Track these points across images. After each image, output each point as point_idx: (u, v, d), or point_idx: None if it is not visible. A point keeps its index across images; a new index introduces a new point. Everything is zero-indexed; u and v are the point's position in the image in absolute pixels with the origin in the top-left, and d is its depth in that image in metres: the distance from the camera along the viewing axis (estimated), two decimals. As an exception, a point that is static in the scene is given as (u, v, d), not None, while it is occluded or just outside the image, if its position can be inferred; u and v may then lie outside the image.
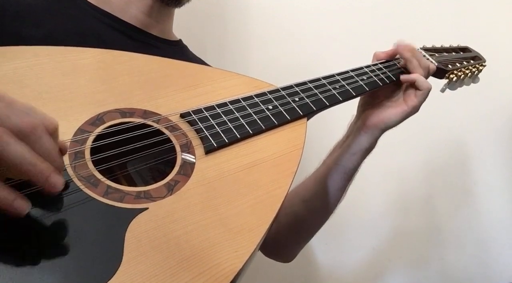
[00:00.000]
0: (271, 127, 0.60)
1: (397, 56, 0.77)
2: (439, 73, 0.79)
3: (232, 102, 0.60)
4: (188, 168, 0.52)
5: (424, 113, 0.75)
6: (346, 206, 0.82)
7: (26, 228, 0.41)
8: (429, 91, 0.72)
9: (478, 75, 0.86)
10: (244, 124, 0.58)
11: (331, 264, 1.26)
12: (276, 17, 1.18)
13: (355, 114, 0.78)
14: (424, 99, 0.72)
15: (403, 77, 0.73)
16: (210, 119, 0.57)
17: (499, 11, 1.30)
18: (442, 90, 0.83)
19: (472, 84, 0.86)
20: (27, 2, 0.68)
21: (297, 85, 0.66)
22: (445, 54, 0.84)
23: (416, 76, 0.72)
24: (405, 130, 0.76)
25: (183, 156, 0.53)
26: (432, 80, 0.77)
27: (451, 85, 0.83)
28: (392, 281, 1.29)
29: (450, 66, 0.81)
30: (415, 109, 0.72)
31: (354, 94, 0.69)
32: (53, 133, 0.40)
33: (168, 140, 0.54)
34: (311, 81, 0.68)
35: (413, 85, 0.72)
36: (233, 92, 0.62)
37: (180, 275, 0.42)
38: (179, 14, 0.83)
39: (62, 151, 0.43)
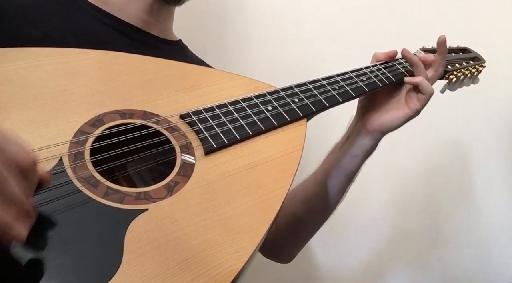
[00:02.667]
0: (270, 128, 0.60)
1: (397, 57, 0.77)
2: (439, 73, 0.79)
3: (231, 103, 0.60)
4: (187, 169, 0.52)
5: (424, 113, 0.75)
6: (346, 206, 0.82)
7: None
8: (432, 95, 0.72)
9: (478, 76, 0.86)
10: (244, 125, 0.58)
11: (331, 264, 1.26)
12: (276, 18, 1.18)
13: (354, 115, 0.78)
14: (427, 103, 0.72)
15: (407, 79, 0.73)
16: (210, 120, 0.57)
17: (499, 12, 1.30)
18: (442, 91, 0.83)
19: (471, 84, 0.86)
20: (27, 2, 0.68)
21: (297, 86, 0.66)
22: (445, 54, 0.84)
23: (421, 79, 0.71)
24: (405, 130, 0.76)
25: (182, 157, 0.53)
26: (431, 80, 0.77)
27: (451, 86, 0.83)
28: (392, 281, 1.29)
29: (449, 66, 0.81)
30: (417, 113, 0.72)
31: (354, 95, 0.69)
32: (27, 170, 0.36)
33: (168, 141, 0.54)
34: (311, 82, 0.68)
35: (416, 88, 0.72)
36: (232, 93, 0.62)
37: (180, 276, 0.42)
38: (179, 14, 0.83)
39: (43, 183, 0.40)
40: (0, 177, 0.33)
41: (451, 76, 0.81)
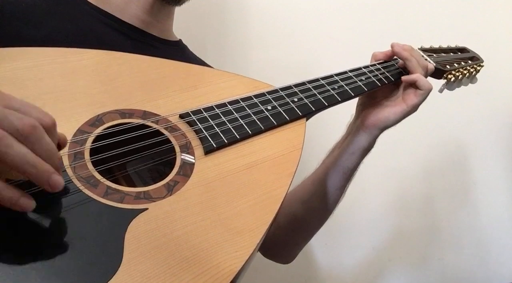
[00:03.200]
0: (270, 127, 0.60)
1: (395, 56, 0.77)
2: (437, 73, 0.79)
3: (231, 103, 0.60)
4: (187, 169, 0.52)
5: (423, 113, 0.75)
6: (346, 206, 0.82)
7: (26, 228, 0.41)
8: (430, 91, 0.72)
9: (476, 76, 0.86)
10: (243, 124, 0.58)
11: (331, 264, 1.26)
12: (276, 17, 1.18)
13: (354, 114, 0.78)
14: (424, 99, 0.72)
15: (404, 78, 0.73)
16: (209, 119, 0.57)
17: (498, 12, 1.30)
18: (440, 91, 0.83)
19: (470, 84, 0.86)
20: (27, 3, 0.68)
21: (296, 85, 0.66)
22: (443, 54, 0.84)
23: (417, 76, 0.71)
24: (405, 130, 0.76)
25: (182, 157, 0.53)
26: (430, 80, 0.77)
27: (449, 86, 0.83)
28: (392, 281, 1.29)
29: (448, 66, 0.81)
30: (414, 108, 0.72)
31: (353, 94, 0.69)
32: (51, 129, 0.41)
33: (168, 141, 0.54)
34: (310, 82, 0.68)
35: (413, 84, 0.72)
36: (232, 92, 0.62)
37: (180, 275, 0.42)
38: (179, 14, 0.83)
39: (61, 144, 0.44)
40: (33, 134, 0.38)
41: (449, 76, 0.81)
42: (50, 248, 0.41)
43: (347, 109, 0.76)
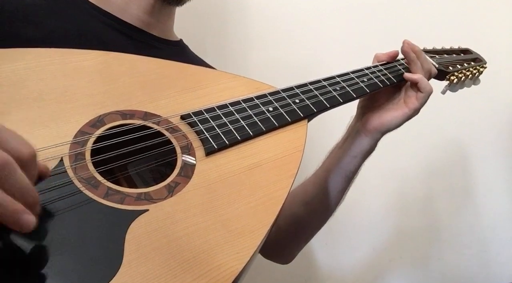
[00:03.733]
0: (271, 128, 0.60)
1: (398, 58, 0.77)
2: (440, 75, 0.79)
3: (232, 104, 0.60)
4: (188, 170, 0.52)
5: (424, 114, 0.75)
6: (346, 207, 0.82)
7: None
8: (430, 94, 0.72)
9: (479, 77, 0.86)
10: (245, 125, 0.58)
11: (331, 264, 1.26)
12: (276, 18, 1.18)
13: (354, 116, 0.78)
14: (425, 102, 0.72)
15: (406, 75, 0.73)
16: (211, 120, 0.57)
17: (500, 13, 1.30)
18: (443, 92, 0.83)
19: (472, 85, 0.86)
20: (27, 3, 0.68)
21: (298, 86, 0.66)
22: (445, 55, 0.84)
23: (420, 77, 0.71)
24: (406, 131, 0.76)
25: (183, 158, 0.53)
26: (433, 82, 0.77)
27: (452, 87, 0.83)
28: (392, 281, 1.29)
29: (450, 67, 0.81)
30: (416, 112, 0.72)
31: (355, 95, 0.69)
32: (27, 163, 0.37)
33: (169, 142, 0.54)
34: (312, 83, 0.68)
35: (414, 86, 0.72)
36: (233, 93, 0.62)
37: (181, 277, 0.42)
38: (179, 14, 0.83)
39: (43, 175, 0.41)
40: (7, 165, 0.34)
41: (452, 77, 0.81)
42: (50, 249, 0.41)
43: (349, 110, 0.76)
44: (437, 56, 0.82)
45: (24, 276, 0.39)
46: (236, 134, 0.57)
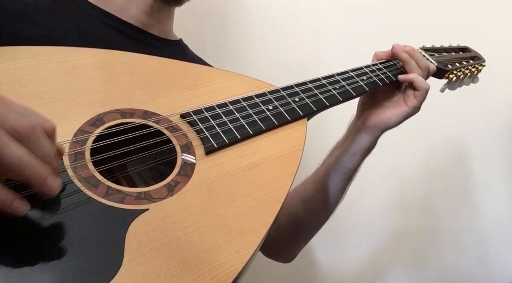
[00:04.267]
0: (271, 127, 0.60)
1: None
2: (439, 73, 0.79)
3: (232, 103, 0.60)
4: (188, 169, 0.52)
5: (424, 113, 0.75)
6: (346, 206, 0.82)
7: (26, 229, 0.41)
8: (427, 91, 0.72)
9: (478, 75, 0.86)
10: (244, 124, 0.58)
11: (331, 264, 1.26)
12: (276, 17, 1.18)
13: (355, 114, 0.78)
14: (423, 99, 0.72)
15: (401, 76, 0.73)
16: (211, 119, 0.57)
17: (499, 11, 1.30)
18: (442, 90, 0.83)
19: (471, 84, 0.86)
20: (27, 2, 0.68)
21: (297, 85, 0.66)
22: (444, 54, 0.84)
23: (414, 76, 0.72)
24: (405, 130, 0.76)
25: (183, 157, 0.53)
26: (431, 80, 0.77)
27: (451, 85, 0.83)
28: (392, 281, 1.29)
29: (449, 66, 0.81)
30: (415, 110, 0.72)
31: (354, 94, 0.69)
32: (50, 135, 0.40)
33: (169, 141, 0.54)
34: (311, 81, 0.68)
35: (411, 85, 0.72)
36: (233, 92, 0.62)
37: (181, 276, 0.42)
38: (179, 14, 0.83)
39: (59, 153, 0.43)
40: (32, 134, 0.37)
41: (451, 76, 0.81)
42: (50, 249, 0.41)
43: (349, 109, 0.76)
44: (436, 54, 0.82)
45: (24, 275, 0.38)
46: (236, 133, 0.57)
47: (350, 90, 0.68)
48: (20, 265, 0.39)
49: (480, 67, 0.85)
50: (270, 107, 0.62)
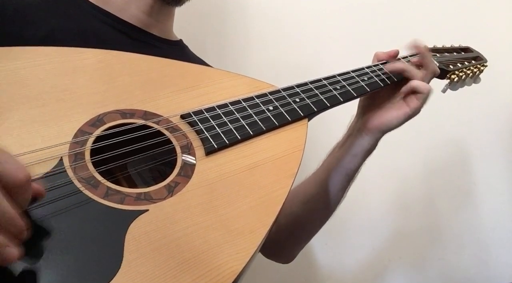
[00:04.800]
0: (271, 128, 0.60)
1: (398, 56, 0.77)
2: (441, 73, 0.79)
3: (232, 103, 0.60)
4: (188, 170, 0.52)
5: (424, 114, 0.75)
6: (346, 206, 0.82)
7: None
8: (430, 93, 0.71)
9: (480, 76, 0.86)
10: (245, 125, 0.58)
11: (331, 264, 1.26)
12: (276, 17, 1.18)
13: (355, 115, 0.78)
14: (426, 101, 0.72)
15: (403, 89, 0.72)
16: (211, 120, 0.57)
17: (501, 11, 1.30)
18: (443, 91, 0.83)
19: (473, 84, 0.86)
20: (27, 2, 0.68)
21: (298, 85, 0.66)
22: (446, 54, 0.84)
23: (415, 83, 0.71)
24: (406, 130, 0.76)
25: (183, 158, 0.53)
26: (433, 80, 0.77)
27: (453, 86, 0.83)
28: (392, 281, 1.29)
29: (451, 66, 0.81)
30: (417, 111, 0.72)
31: (355, 94, 0.69)
32: (20, 188, 0.36)
33: (169, 141, 0.54)
34: (312, 82, 0.67)
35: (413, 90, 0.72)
36: (233, 92, 0.62)
37: (181, 277, 0.42)
38: (179, 14, 0.83)
39: (38, 195, 0.40)
40: None
41: (452, 76, 0.81)
42: (50, 249, 0.40)
43: (349, 110, 0.76)
44: (438, 55, 0.81)
45: (24, 276, 0.38)
46: (236, 134, 0.57)
47: (351, 91, 0.68)
48: (19, 265, 0.39)
49: (482, 68, 0.85)
50: (271, 108, 0.62)
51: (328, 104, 0.65)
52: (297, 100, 0.64)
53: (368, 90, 0.70)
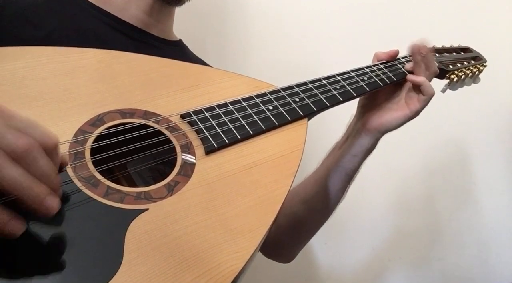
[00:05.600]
0: (271, 127, 0.60)
1: (398, 56, 0.77)
2: (440, 73, 0.79)
3: (232, 103, 0.60)
4: (188, 169, 0.52)
5: (424, 114, 0.75)
6: (346, 206, 0.82)
7: (26, 228, 0.41)
8: (432, 97, 0.71)
9: (479, 75, 0.86)
10: (245, 124, 0.58)
11: (331, 264, 1.26)
12: (276, 17, 1.18)
13: (354, 114, 0.78)
14: (427, 104, 0.72)
15: (410, 76, 0.72)
16: (211, 119, 0.57)
17: (500, 11, 1.30)
18: (443, 91, 0.83)
19: (472, 84, 0.86)
20: (27, 2, 0.68)
21: (298, 85, 0.66)
22: (446, 54, 0.84)
23: (423, 79, 0.71)
24: (406, 130, 0.76)
25: (183, 157, 0.53)
26: (433, 80, 0.77)
27: (452, 85, 0.83)
28: (392, 281, 1.29)
29: (451, 66, 0.81)
30: (417, 113, 0.72)
31: (355, 94, 0.69)
32: (51, 150, 0.39)
33: (169, 141, 0.54)
34: (312, 82, 0.68)
35: (416, 88, 0.72)
36: (233, 92, 0.62)
37: (181, 276, 0.42)
38: (179, 14, 0.83)
39: (62, 166, 0.42)
40: (30, 154, 0.36)
41: (452, 76, 0.81)
42: (50, 249, 0.41)
43: (349, 109, 0.76)
44: (437, 55, 0.81)
45: (24, 275, 0.38)
46: (236, 133, 0.57)
47: (351, 90, 0.68)
48: (19, 265, 0.39)
49: (481, 68, 0.85)
50: (270, 107, 0.62)
51: (328, 104, 0.65)
52: (297, 99, 0.64)
53: (368, 89, 0.70)
